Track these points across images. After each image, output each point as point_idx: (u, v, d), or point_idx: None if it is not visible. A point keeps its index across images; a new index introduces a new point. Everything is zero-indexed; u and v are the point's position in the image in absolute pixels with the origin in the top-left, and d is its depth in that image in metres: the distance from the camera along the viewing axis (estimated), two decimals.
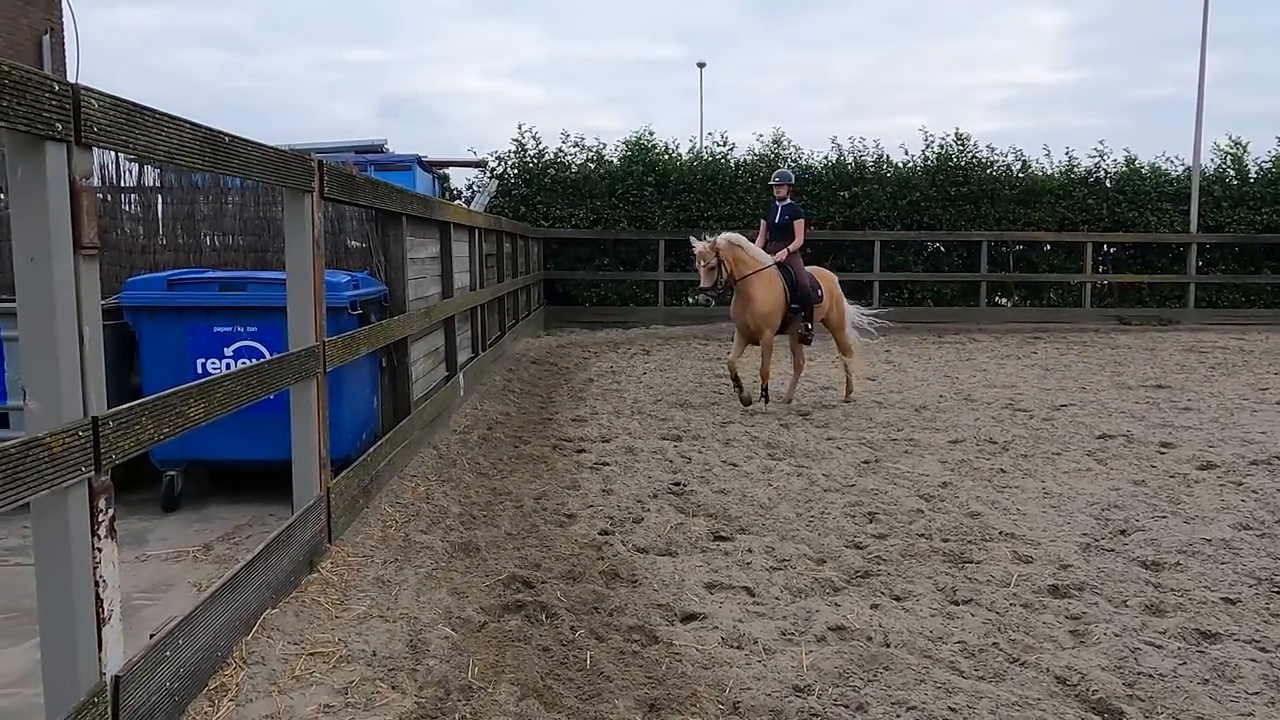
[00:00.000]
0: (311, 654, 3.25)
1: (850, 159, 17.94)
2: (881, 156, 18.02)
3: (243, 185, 6.35)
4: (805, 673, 3.18)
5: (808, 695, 3.04)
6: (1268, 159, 18.75)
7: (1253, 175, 18.61)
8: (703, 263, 8.11)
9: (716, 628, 3.58)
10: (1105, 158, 18.39)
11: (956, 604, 3.84)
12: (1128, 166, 18.44)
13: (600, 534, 4.74)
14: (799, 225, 8.77)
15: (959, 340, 14.73)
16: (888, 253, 17.42)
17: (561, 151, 17.70)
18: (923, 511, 5.15)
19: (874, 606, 3.78)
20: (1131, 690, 3.07)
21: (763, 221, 9.09)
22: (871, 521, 4.99)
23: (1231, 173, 18.65)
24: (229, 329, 5.11)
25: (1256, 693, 3.06)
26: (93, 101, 2.31)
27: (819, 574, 4.16)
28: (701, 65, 45.52)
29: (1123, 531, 4.80)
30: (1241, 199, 18.31)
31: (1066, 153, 18.66)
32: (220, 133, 3.09)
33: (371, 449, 5.13)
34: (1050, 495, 5.53)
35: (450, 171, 17.75)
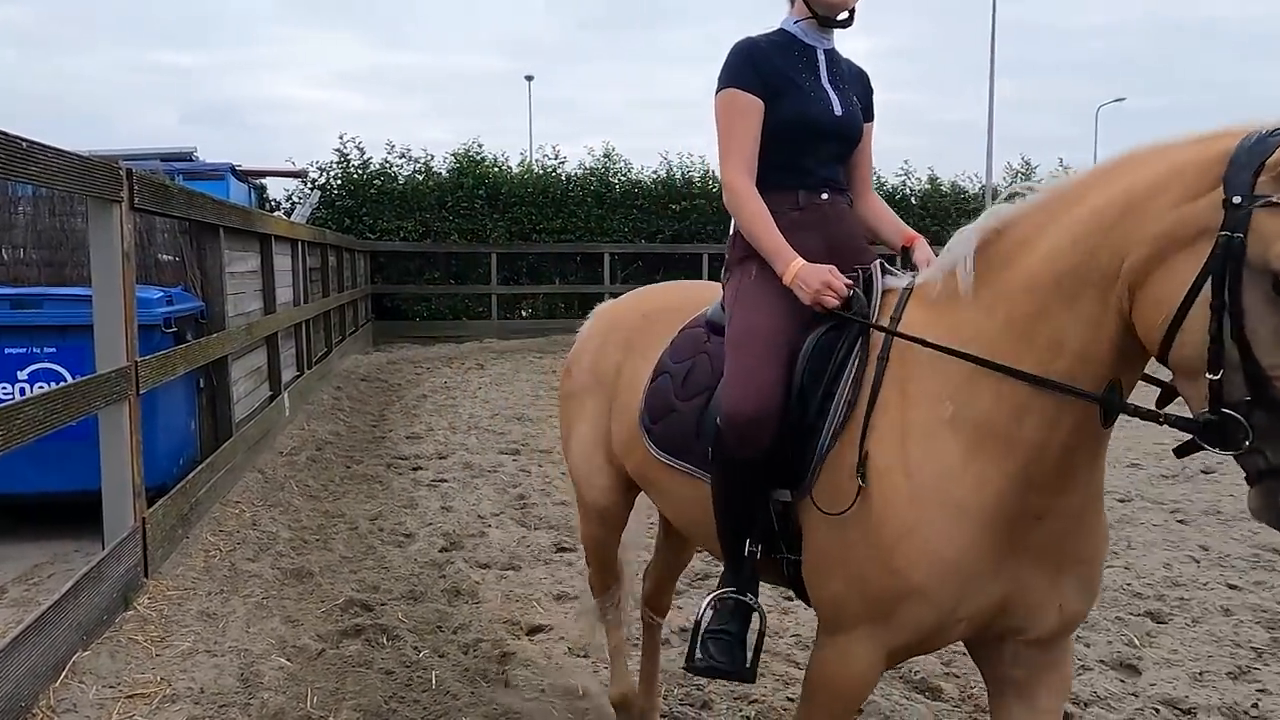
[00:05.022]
0: (130, 696, 3.03)
1: (679, 174, 18.43)
2: (708, 172, 18.61)
3: (35, 194, 5.84)
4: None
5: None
6: (1051, 178, 20.67)
7: None
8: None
9: (563, 638, 3.60)
10: (910, 176, 19.78)
11: (790, 599, 4.02)
12: (930, 184, 19.88)
13: (441, 552, 4.65)
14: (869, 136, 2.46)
15: None
16: (715, 265, 17.98)
17: (387, 163, 17.26)
18: None
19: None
20: (949, 669, 3.32)
21: (735, 124, 2.24)
22: None
23: (1020, 191, 20.40)
24: (23, 350, 4.69)
25: None
26: None
27: None
28: (529, 78, 45.49)
29: None
30: None
31: (875, 171, 19.87)
32: (16, 137, 2.85)
33: (190, 475, 4.83)
34: None
35: (268, 182, 16.95)
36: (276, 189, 17.42)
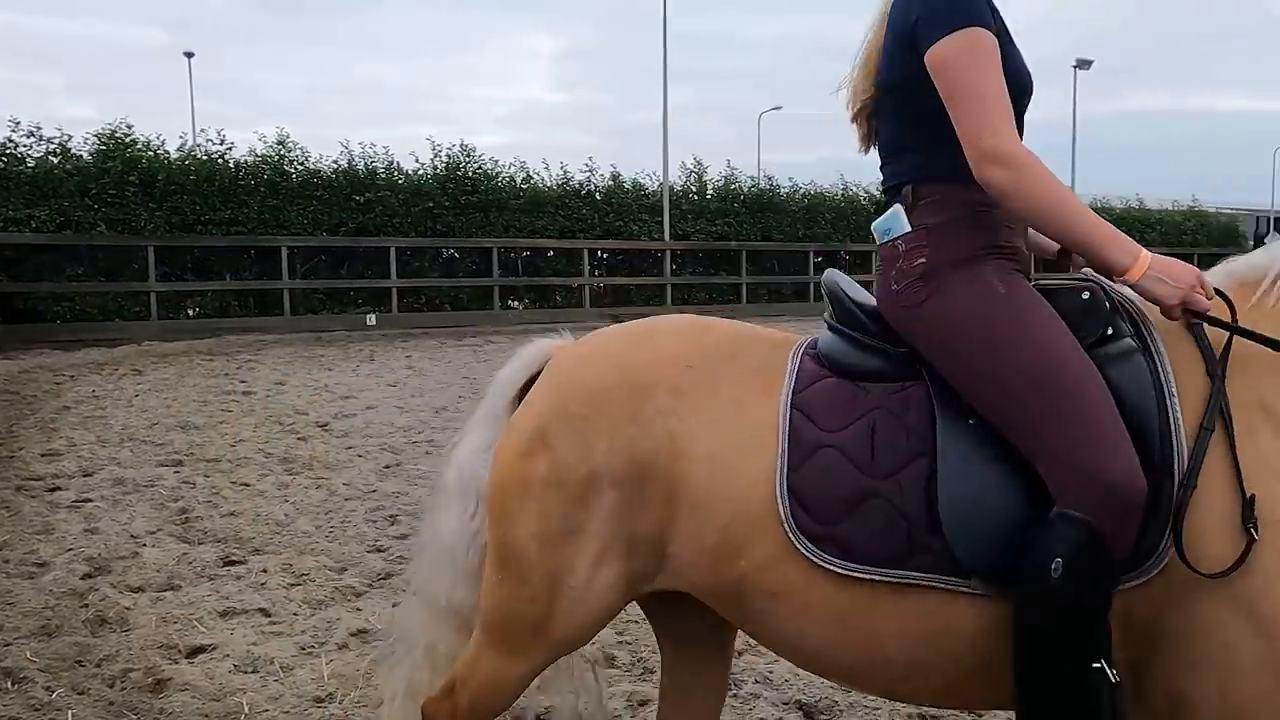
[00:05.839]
0: None
1: (362, 164, 17.76)
2: (392, 163, 18.12)
3: None
4: (326, 682, 3.14)
5: (329, 703, 3.01)
6: (720, 179, 22.40)
7: (710, 192, 22.07)
8: None
9: (228, 656, 3.36)
10: (595, 173, 20.52)
11: None
12: (613, 181, 20.76)
13: (83, 579, 4.15)
14: None
15: (476, 342, 15.37)
16: (404, 259, 17.55)
17: (11, 142, 15.01)
18: None
19: (396, 604, 3.84)
20: (621, 637, 3.53)
21: (991, 74, 1.66)
22: (393, 524, 5.03)
23: (693, 189, 21.93)
24: None
25: None
26: None
27: (340, 583, 4.10)
28: (189, 55, 41.53)
29: None
30: (701, 212, 21.61)
31: (562, 167, 20.41)
32: None
33: None
34: None
35: None
36: None
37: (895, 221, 1.78)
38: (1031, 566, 1.53)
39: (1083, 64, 31.09)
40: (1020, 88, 1.75)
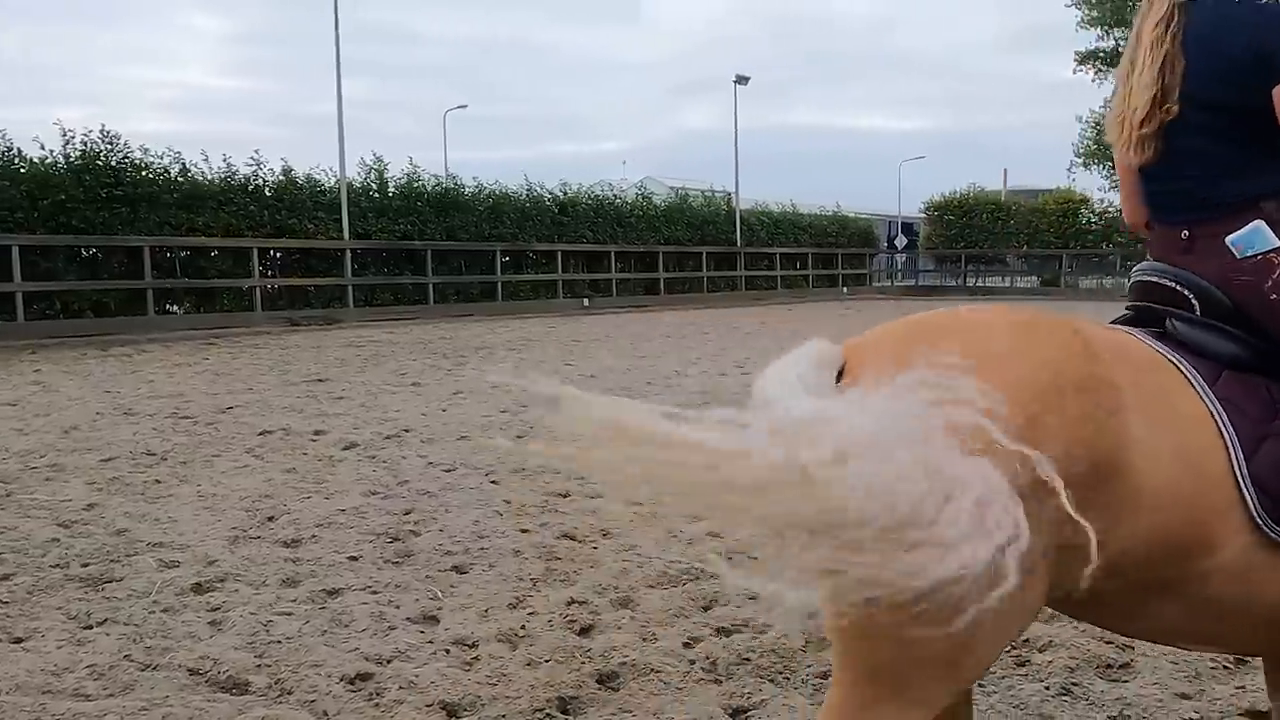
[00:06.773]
0: None
1: None
2: (12, 149, 15.78)
3: None
4: None
5: None
6: (403, 176, 21.84)
7: (391, 190, 21.44)
8: None
9: None
10: (263, 166, 19.20)
11: (90, 628, 3.62)
12: (285, 176, 19.54)
13: None
14: None
15: (126, 352, 13.81)
16: (31, 259, 15.37)
17: None
18: (60, 540, 4.70)
19: None
20: (261, 660, 3.32)
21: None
22: None
23: (374, 187, 21.20)
24: None
25: (364, 629, 3.58)
26: None
27: None
28: None
29: (270, 518, 5.11)
30: (384, 210, 20.95)
31: (225, 159, 18.88)
32: None
33: None
34: (205, 497, 5.58)
35: None
36: None
37: (1258, 236, 1.94)
38: None
39: (741, 79, 33.85)
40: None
